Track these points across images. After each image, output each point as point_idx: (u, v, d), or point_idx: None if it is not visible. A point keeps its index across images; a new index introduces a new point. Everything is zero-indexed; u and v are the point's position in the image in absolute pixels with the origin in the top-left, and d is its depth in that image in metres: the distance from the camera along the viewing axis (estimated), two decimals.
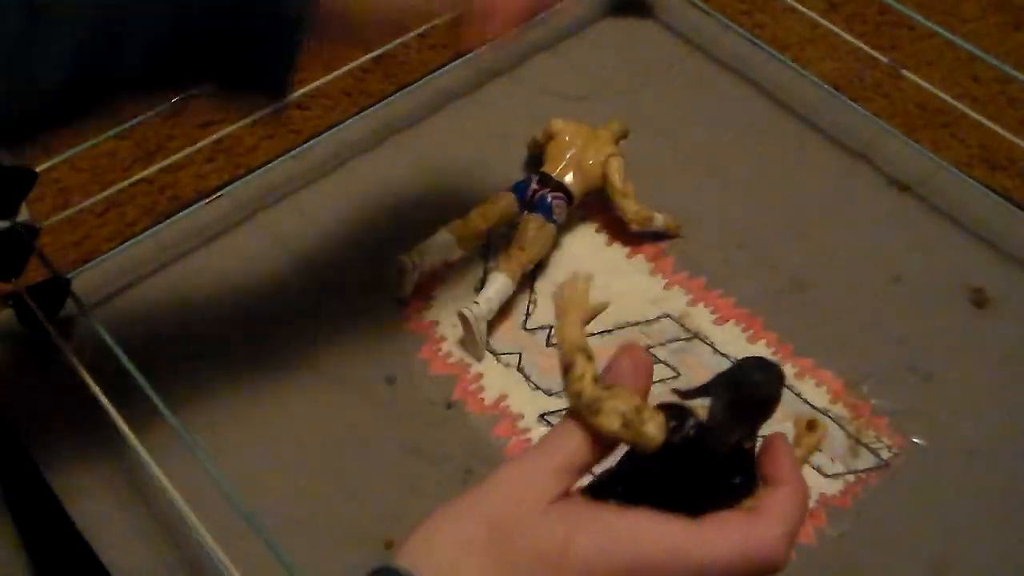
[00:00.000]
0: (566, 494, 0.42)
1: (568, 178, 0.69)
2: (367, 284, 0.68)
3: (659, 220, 0.70)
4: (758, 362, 0.41)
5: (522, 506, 0.41)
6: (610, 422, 0.40)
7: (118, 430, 0.56)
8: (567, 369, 0.42)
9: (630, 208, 0.69)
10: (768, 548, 0.40)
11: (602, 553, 0.40)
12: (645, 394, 0.42)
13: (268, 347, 0.65)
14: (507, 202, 0.69)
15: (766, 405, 0.41)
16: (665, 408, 0.41)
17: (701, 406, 0.42)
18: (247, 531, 0.53)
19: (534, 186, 0.69)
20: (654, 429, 0.40)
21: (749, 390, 0.41)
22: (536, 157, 0.73)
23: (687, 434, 0.40)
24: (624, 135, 0.72)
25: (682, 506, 0.41)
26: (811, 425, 0.44)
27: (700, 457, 0.41)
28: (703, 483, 0.41)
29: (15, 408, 0.63)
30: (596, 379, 0.41)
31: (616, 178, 0.69)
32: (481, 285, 0.67)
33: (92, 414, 0.58)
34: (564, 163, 0.70)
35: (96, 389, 0.57)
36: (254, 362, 0.65)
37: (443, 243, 0.67)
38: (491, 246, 0.70)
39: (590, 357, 0.42)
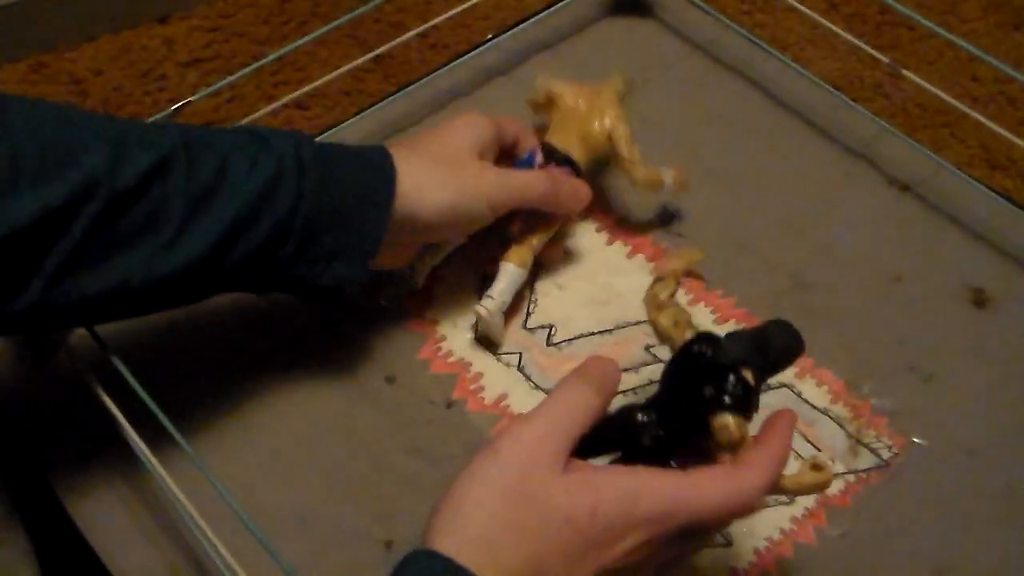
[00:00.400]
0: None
1: (574, 150, 0.67)
2: (367, 284, 0.68)
3: (668, 179, 0.68)
4: (781, 322, 0.54)
5: (541, 474, 0.47)
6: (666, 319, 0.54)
7: (128, 443, 0.56)
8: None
9: (639, 175, 0.67)
10: (748, 496, 0.48)
11: (622, 513, 0.47)
12: (609, 397, 0.51)
13: (268, 346, 0.65)
14: None
15: (779, 351, 0.53)
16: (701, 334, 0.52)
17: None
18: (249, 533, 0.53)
19: (539, 160, 0.67)
20: (689, 333, 0.52)
21: (765, 331, 0.53)
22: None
23: (702, 349, 0.50)
24: (627, 90, 0.70)
25: (674, 417, 0.50)
26: (816, 466, 0.50)
27: (704, 366, 0.50)
28: (699, 392, 0.49)
29: (21, 414, 0.63)
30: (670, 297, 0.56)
31: (623, 147, 0.67)
32: (482, 282, 0.67)
33: (98, 419, 0.58)
34: (567, 132, 0.68)
35: (111, 407, 0.57)
36: (253, 361, 0.65)
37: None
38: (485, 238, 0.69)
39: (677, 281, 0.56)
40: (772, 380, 0.64)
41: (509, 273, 0.65)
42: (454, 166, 0.61)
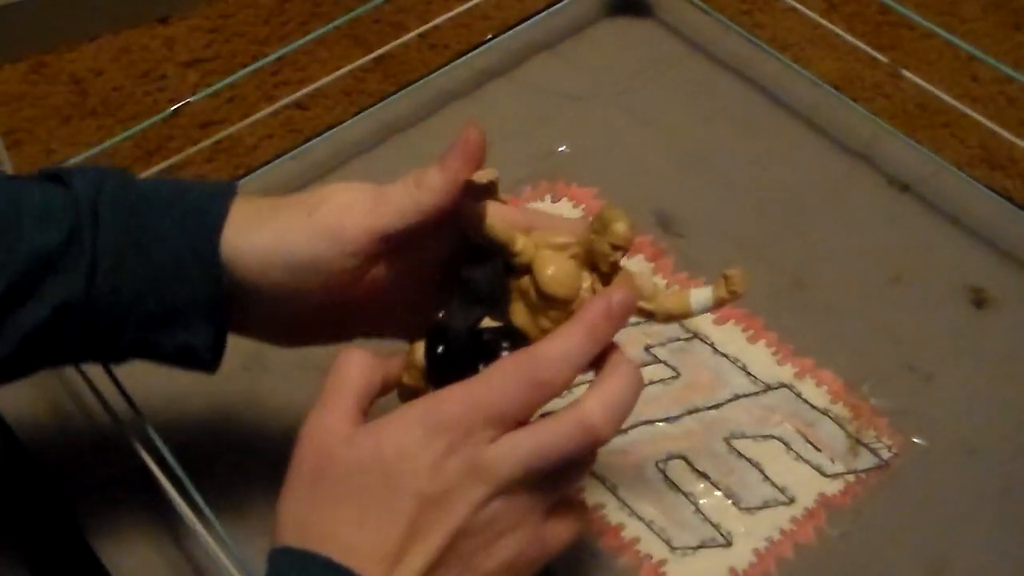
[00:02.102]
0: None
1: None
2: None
3: (703, 297, 0.49)
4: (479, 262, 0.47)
5: (330, 449, 0.44)
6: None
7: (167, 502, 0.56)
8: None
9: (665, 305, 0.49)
10: (549, 362, 0.44)
11: (408, 431, 0.43)
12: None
13: (267, 345, 0.65)
14: None
15: (487, 294, 0.47)
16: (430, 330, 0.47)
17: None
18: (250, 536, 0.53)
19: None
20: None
21: (470, 286, 0.47)
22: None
23: (439, 347, 0.46)
24: (626, 239, 0.46)
25: None
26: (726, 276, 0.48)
27: (456, 354, 0.46)
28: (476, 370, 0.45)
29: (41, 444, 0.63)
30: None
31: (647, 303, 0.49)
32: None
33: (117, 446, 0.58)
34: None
35: (139, 450, 0.56)
36: (252, 359, 0.65)
37: None
38: None
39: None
40: (772, 380, 0.64)
41: None
42: (300, 200, 0.48)
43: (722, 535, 0.59)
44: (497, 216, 0.46)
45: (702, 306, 0.49)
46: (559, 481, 0.46)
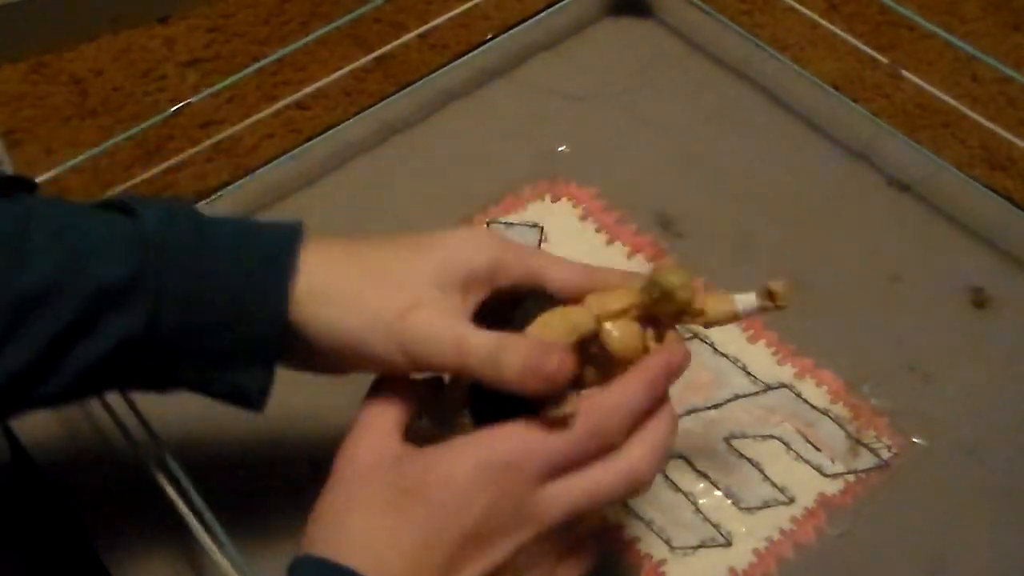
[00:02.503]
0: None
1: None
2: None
3: (749, 302, 0.50)
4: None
5: (372, 466, 0.44)
6: None
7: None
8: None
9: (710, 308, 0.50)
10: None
11: (461, 464, 0.43)
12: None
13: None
14: None
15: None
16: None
17: None
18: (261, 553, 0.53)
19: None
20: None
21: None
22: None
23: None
24: (688, 303, 0.48)
25: None
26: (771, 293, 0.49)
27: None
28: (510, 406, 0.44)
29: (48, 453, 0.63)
30: None
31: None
32: None
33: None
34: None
35: (158, 477, 0.55)
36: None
37: None
38: None
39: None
40: (772, 380, 0.64)
41: None
42: (385, 284, 0.46)
43: (722, 535, 0.59)
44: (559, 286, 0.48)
45: (748, 311, 0.49)
46: (585, 519, 0.47)
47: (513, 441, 0.43)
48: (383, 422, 0.46)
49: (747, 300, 0.49)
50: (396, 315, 0.45)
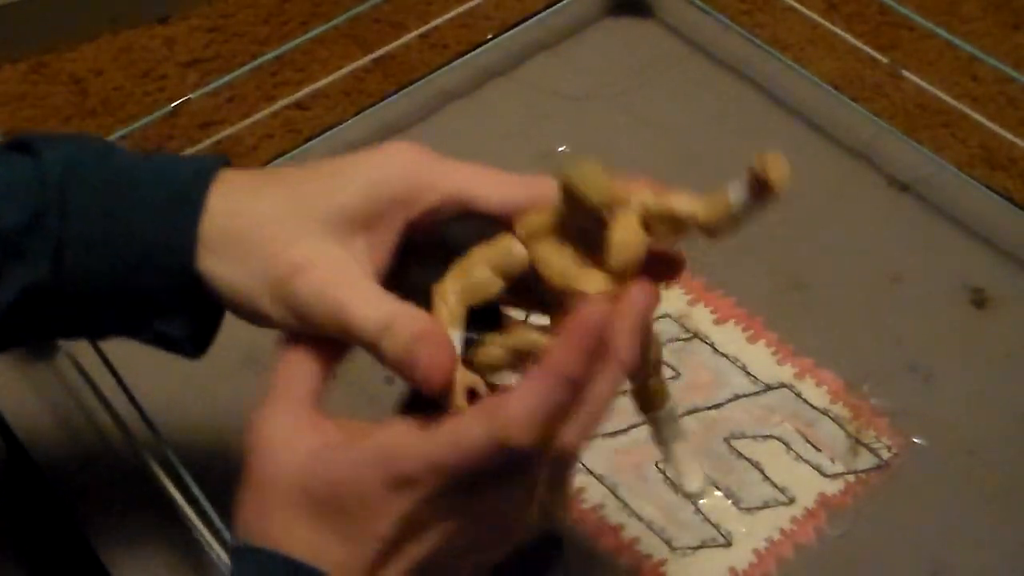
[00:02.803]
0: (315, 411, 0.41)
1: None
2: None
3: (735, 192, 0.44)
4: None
5: (282, 458, 0.40)
6: None
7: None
8: None
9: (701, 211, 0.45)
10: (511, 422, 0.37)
11: (365, 479, 0.39)
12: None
13: (266, 345, 0.65)
14: None
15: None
16: None
17: None
18: None
19: None
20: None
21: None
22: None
23: None
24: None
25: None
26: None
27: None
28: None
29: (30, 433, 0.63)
30: None
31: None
32: None
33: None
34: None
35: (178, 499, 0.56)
36: (250, 358, 0.65)
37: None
38: None
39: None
40: (772, 380, 0.64)
41: None
42: (279, 236, 0.41)
43: (722, 535, 0.59)
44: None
45: (741, 202, 0.43)
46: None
47: (412, 459, 0.38)
48: (295, 390, 0.41)
49: (737, 189, 0.42)
50: (285, 276, 0.41)
